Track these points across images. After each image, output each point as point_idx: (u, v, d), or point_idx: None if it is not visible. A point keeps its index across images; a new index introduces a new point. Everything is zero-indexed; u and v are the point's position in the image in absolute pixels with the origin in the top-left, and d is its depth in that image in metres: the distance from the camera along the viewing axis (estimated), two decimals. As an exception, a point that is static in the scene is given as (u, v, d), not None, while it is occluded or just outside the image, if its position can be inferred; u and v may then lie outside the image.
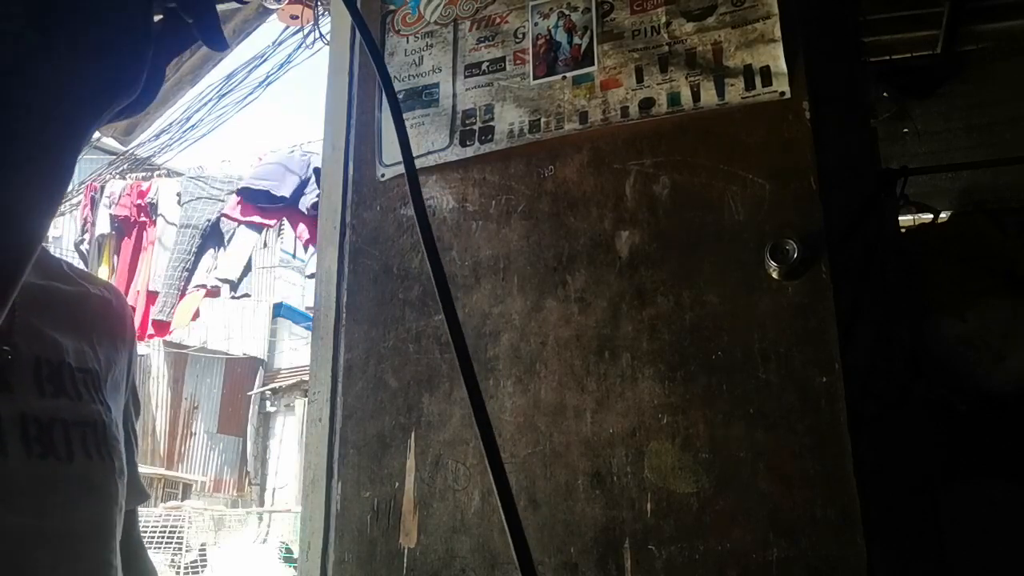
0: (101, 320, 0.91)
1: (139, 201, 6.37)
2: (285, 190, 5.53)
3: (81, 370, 0.82)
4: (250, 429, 16.39)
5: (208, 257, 6.07)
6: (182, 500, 13.65)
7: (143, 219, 6.36)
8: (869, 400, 1.76)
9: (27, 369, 0.75)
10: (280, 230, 6.44)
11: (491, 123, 1.76)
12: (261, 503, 15.86)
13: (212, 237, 6.11)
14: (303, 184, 5.58)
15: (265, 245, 7.69)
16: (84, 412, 0.80)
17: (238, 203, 5.82)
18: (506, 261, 1.70)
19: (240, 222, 5.90)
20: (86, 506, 0.78)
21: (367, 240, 1.86)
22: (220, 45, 0.53)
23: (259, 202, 5.69)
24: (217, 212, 6.05)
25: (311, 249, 5.59)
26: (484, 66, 1.81)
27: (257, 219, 5.80)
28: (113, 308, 0.95)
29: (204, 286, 5.99)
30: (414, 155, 0.61)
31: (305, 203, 5.49)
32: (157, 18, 0.50)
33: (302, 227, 5.59)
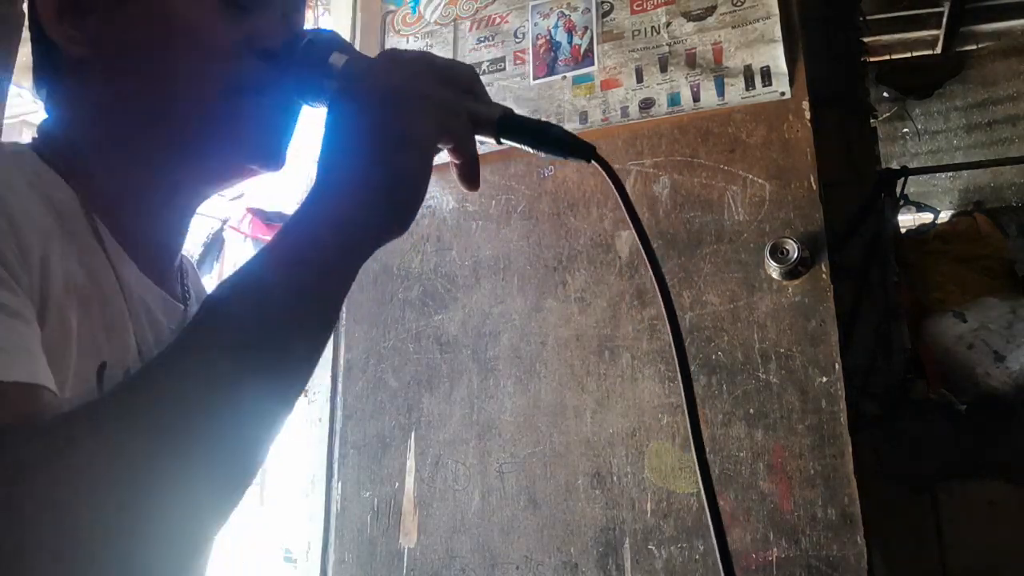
0: None
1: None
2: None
3: None
4: (250, 429, 16.38)
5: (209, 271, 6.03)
6: (182, 500, 13.64)
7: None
8: (869, 400, 1.76)
9: None
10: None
11: (491, 123, 1.75)
12: (261, 502, 15.86)
13: (212, 248, 6.07)
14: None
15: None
16: None
17: (251, 222, 5.78)
18: (506, 261, 1.70)
19: (247, 236, 5.85)
20: None
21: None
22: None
23: (269, 217, 5.65)
24: (219, 221, 6.01)
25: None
26: (484, 66, 1.81)
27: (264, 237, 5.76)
28: None
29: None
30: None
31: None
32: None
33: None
